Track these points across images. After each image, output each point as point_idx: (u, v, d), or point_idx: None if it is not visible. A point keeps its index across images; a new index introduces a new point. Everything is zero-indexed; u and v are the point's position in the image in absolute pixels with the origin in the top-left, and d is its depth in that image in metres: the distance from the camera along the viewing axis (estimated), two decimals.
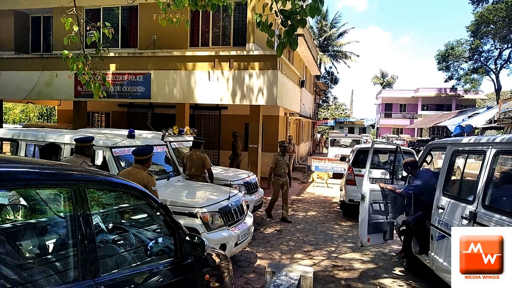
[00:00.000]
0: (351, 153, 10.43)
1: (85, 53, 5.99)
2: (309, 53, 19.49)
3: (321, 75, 40.56)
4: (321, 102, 43.84)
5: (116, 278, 2.41)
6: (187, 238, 2.92)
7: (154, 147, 5.31)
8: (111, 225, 3.12)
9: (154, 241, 2.97)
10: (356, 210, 9.31)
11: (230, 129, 13.22)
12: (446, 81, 38.45)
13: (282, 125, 15.60)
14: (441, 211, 4.85)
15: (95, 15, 12.42)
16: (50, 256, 2.51)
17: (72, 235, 2.25)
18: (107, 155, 5.73)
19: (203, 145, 7.61)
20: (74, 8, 5.87)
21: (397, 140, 31.95)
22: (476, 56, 34.73)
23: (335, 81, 49.55)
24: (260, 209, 8.79)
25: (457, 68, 37.22)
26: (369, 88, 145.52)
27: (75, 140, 5.34)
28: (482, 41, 33.15)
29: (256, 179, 8.63)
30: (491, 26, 30.75)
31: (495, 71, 34.76)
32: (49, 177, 2.31)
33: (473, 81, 36.83)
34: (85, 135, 5.92)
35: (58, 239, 2.59)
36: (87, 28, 8.27)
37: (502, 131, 19.50)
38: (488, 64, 35.07)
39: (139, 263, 2.77)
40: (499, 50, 33.77)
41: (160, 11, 6.43)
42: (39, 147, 6.49)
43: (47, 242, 2.66)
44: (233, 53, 10.57)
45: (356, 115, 63.69)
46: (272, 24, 4.21)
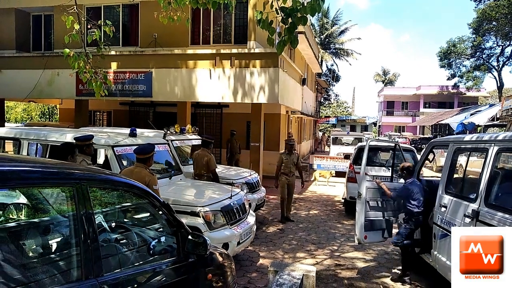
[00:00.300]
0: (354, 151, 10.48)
1: (86, 51, 5.99)
2: (311, 51, 19.45)
3: (323, 73, 40.49)
4: (322, 100, 43.81)
5: (119, 277, 2.40)
6: (190, 237, 2.91)
7: (155, 146, 5.29)
8: (113, 224, 3.12)
9: (156, 240, 2.96)
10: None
11: (231, 127, 13.21)
12: (449, 78, 38.39)
13: (283, 123, 15.58)
14: (443, 209, 4.83)
15: (96, 13, 12.40)
16: (53, 255, 2.51)
17: (75, 234, 2.24)
18: (109, 154, 5.72)
19: (212, 144, 7.43)
20: (75, 6, 5.87)
21: (399, 138, 31.93)
22: (478, 53, 34.68)
23: (336, 78, 49.49)
24: (262, 208, 8.78)
25: (459, 65, 37.16)
26: (371, 85, 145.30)
27: (75, 138, 5.36)
28: (484, 38, 33.09)
29: (258, 178, 8.62)
30: (493, 23, 30.68)
31: (497, 68, 34.69)
32: (51, 176, 2.31)
33: (475, 78, 36.78)
34: (86, 133, 5.92)
35: (61, 238, 2.59)
36: (88, 26, 8.27)
37: (504, 128, 19.44)
38: (490, 61, 34.99)
39: (142, 262, 2.77)
40: (501, 47, 33.72)
41: (161, 9, 6.42)
42: (42, 146, 6.52)
43: (50, 241, 2.66)
44: (234, 51, 10.55)
45: (358, 113, 63.63)
46: (272, 21, 4.19)
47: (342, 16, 44.89)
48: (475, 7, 32.09)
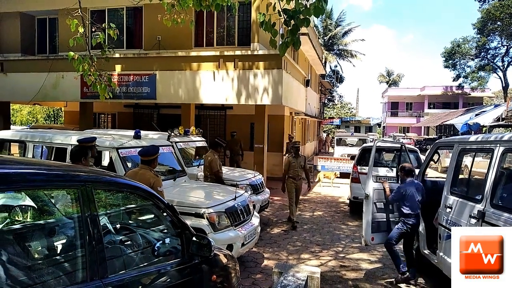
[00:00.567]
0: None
1: (91, 54, 6.02)
2: (314, 52, 19.45)
3: (327, 74, 40.45)
4: (326, 101, 43.73)
5: (124, 278, 2.41)
6: (194, 238, 2.92)
7: (160, 148, 5.31)
8: (118, 225, 3.13)
9: (161, 241, 2.97)
10: (361, 207, 9.57)
11: (235, 129, 13.22)
12: (454, 80, 38.18)
13: (287, 124, 15.57)
14: (448, 210, 4.80)
15: (100, 16, 12.47)
16: (58, 257, 2.52)
17: (80, 236, 2.25)
18: (114, 156, 5.75)
19: (222, 147, 7.40)
20: (79, 9, 5.90)
21: (404, 138, 31.79)
22: (483, 53, 34.49)
23: (340, 80, 49.40)
24: (266, 209, 8.78)
25: (463, 66, 36.98)
26: (375, 86, 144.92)
27: (78, 141, 5.40)
28: (488, 38, 32.91)
29: (262, 179, 8.62)
30: (498, 23, 30.52)
31: (502, 68, 34.48)
32: (56, 178, 2.32)
33: (480, 78, 36.57)
34: (89, 135, 5.97)
35: (66, 240, 2.60)
36: (93, 29, 8.29)
37: (510, 129, 19.32)
38: (495, 61, 34.78)
39: (147, 263, 2.77)
40: (506, 47, 33.52)
41: (164, 11, 6.44)
42: (47, 148, 6.56)
43: (55, 243, 2.67)
44: (238, 53, 10.57)
45: (362, 114, 63.38)
46: (275, 23, 4.19)
47: (345, 17, 44.96)
48: (480, 7, 31.95)
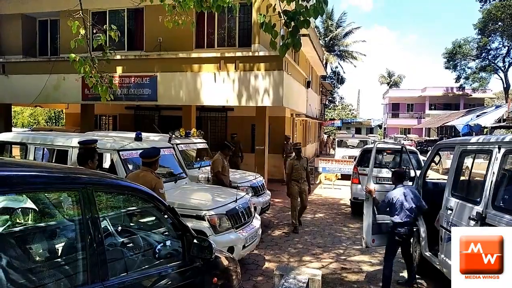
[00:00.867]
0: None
1: (92, 56, 6.02)
2: (315, 53, 19.44)
3: (327, 75, 40.47)
4: (327, 102, 43.72)
5: (124, 281, 2.41)
6: (195, 241, 2.91)
7: (161, 150, 5.31)
8: (119, 228, 3.13)
9: (162, 244, 2.97)
10: (362, 208, 9.62)
11: (236, 130, 13.22)
12: (456, 81, 38.11)
13: (288, 126, 15.57)
14: (449, 212, 4.79)
15: (101, 18, 12.49)
16: (59, 259, 2.52)
17: (80, 239, 2.26)
18: (115, 158, 5.75)
19: (230, 150, 7.37)
20: (80, 11, 5.91)
21: (405, 140, 31.77)
22: (484, 54, 34.42)
23: (341, 81, 49.41)
24: (267, 211, 8.76)
25: (464, 67, 36.93)
26: (375, 88, 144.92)
27: (79, 142, 5.42)
28: (490, 39, 32.85)
29: (263, 181, 8.61)
30: (499, 23, 30.46)
31: (503, 69, 34.42)
32: (57, 181, 2.33)
33: (481, 79, 36.49)
34: (90, 137, 5.98)
35: (67, 243, 2.60)
36: (94, 31, 8.31)
37: (511, 130, 19.29)
38: (496, 62, 34.72)
39: (148, 266, 2.77)
40: (507, 47, 33.44)
41: (165, 13, 6.45)
42: (48, 151, 6.56)
43: (56, 245, 2.67)
44: (239, 54, 10.57)
45: (363, 115, 63.42)
46: (275, 24, 4.19)
47: (346, 18, 44.86)
48: (481, 8, 31.92)
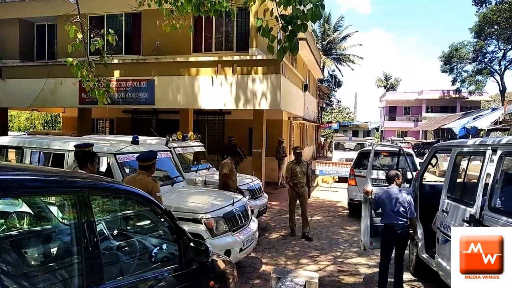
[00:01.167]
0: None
1: (89, 60, 6.03)
2: (312, 57, 19.50)
3: (325, 79, 40.56)
4: (324, 105, 43.81)
5: (120, 285, 2.40)
6: (192, 244, 2.91)
7: (158, 153, 5.31)
8: (115, 232, 3.13)
9: (158, 247, 2.96)
10: (358, 209, 9.68)
11: (234, 134, 13.23)
12: (453, 84, 38.30)
13: (286, 129, 15.59)
14: (445, 214, 4.80)
15: (99, 22, 12.49)
16: (54, 263, 2.51)
17: (76, 243, 2.25)
18: (112, 162, 5.75)
19: (240, 158, 7.34)
20: (78, 15, 5.92)
21: (402, 142, 31.84)
22: (480, 57, 34.63)
23: (338, 84, 49.54)
24: (265, 214, 8.75)
25: (460, 70, 37.13)
26: (372, 91, 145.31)
27: (75, 146, 5.43)
28: (486, 42, 33.06)
29: (260, 184, 8.60)
30: (495, 27, 30.68)
31: (499, 72, 34.62)
32: (53, 185, 2.32)
33: (478, 82, 36.70)
34: (87, 141, 5.99)
35: (62, 247, 2.60)
36: (91, 35, 8.32)
37: (507, 132, 19.39)
38: (492, 65, 34.93)
39: (144, 270, 2.76)
40: (503, 51, 33.69)
41: (163, 17, 6.47)
42: (44, 154, 6.55)
43: (52, 249, 2.67)
44: (236, 58, 10.60)
45: (360, 118, 63.56)
46: (272, 29, 4.20)
47: (343, 22, 44.86)
48: (477, 11, 32.13)
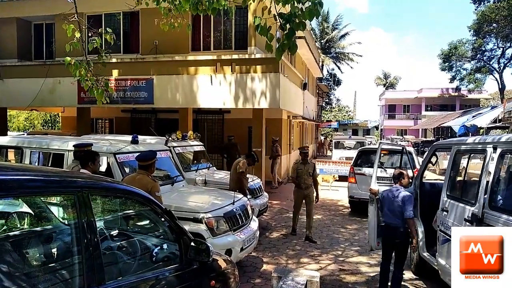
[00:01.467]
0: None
1: (88, 59, 6.00)
2: (311, 55, 19.48)
3: (324, 77, 40.54)
4: (324, 104, 43.82)
5: (121, 285, 2.39)
6: (192, 243, 2.90)
7: (157, 153, 5.29)
8: (116, 231, 3.11)
9: (159, 247, 2.95)
10: (358, 206, 9.88)
11: (233, 133, 13.20)
12: (451, 81, 38.34)
13: (285, 128, 15.57)
14: (445, 213, 4.77)
15: (96, 21, 12.46)
16: (54, 264, 2.50)
17: (76, 243, 2.24)
18: (111, 161, 5.73)
19: (253, 160, 7.38)
20: (75, 15, 5.89)
21: (402, 141, 31.87)
22: (479, 55, 34.64)
23: (337, 83, 49.55)
24: (265, 213, 8.74)
25: (459, 68, 37.15)
26: (372, 89, 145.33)
27: (74, 146, 5.44)
28: (484, 40, 33.07)
29: (260, 183, 8.59)
30: (494, 25, 30.68)
31: (498, 70, 34.64)
32: (53, 185, 2.30)
33: (477, 80, 36.71)
34: (85, 141, 5.99)
35: (63, 247, 2.58)
36: (89, 34, 8.29)
37: (507, 130, 19.40)
38: (491, 63, 34.95)
39: (144, 269, 2.75)
40: (502, 49, 33.69)
41: (161, 16, 6.44)
42: (44, 154, 6.53)
43: (52, 249, 2.66)
44: (235, 56, 10.57)
45: (359, 117, 63.63)
46: (271, 27, 4.18)
47: (342, 20, 45.02)
48: (475, 9, 32.14)
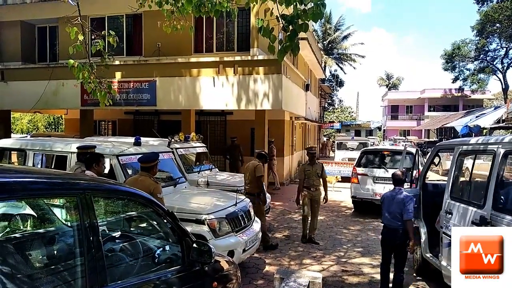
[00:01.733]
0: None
1: (91, 61, 6.04)
2: (313, 57, 19.48)
3: (326, 78, 40.52)
4: (326, 105, 43.77)
5: (124, 287, 2.40)
6: (194, 245, 2.90)
7: (160, 154, 5.31)
8: (118, 233, 3.13)
9: (161, 249, 2.96)
10: (361, 206, 10.10)
11: (236, 134, 13.22)
12: (453, 82, 38.21)
13: (288, 129, 15.57)
14: (449, 216, 4.72)
15: (100, 24, 12.52)
16: (57, 265, 2.51)
17: (79, 244, 2.25)
18: (114, 163, 5.75)
19: (265, 159, 7.29)
20: (79, 17, 5.93)
21: (405, 142, 31.80)
22: (482, 55, 34.51)
23: (340, 84, 49.50)
24: (267, 215, 8.73)
25: (463, 68, 37.02)
26: (374, 90, 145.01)
27: (77, 148, 5.50)
28: (488, 40, 32.94)
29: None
30: (497, 25, 30.56)
31: (501, 70, 34.49)
32: (56, 187, 2.32)
33: (480, 81, 36.57)
34: (89, 143, 6.04)
35: (65, 248, 2.60)
36: (92, 37, 8.34)
37: (511, 130, 19.31)
38: (494, 63, 34.81)
39: (147, 271, 2.76)
40: (505, 49, 33.54)
41: (164, 18, 6.47)
42: (47, 156, 6.57)
43: (55, 251, 2.67)
44: (238, 58, 10.59)
45: (362, 118, 63.54)
46: (273, 29, 4.19)
47: (344, 21, 44.90)
48: (478, 9, 32.03)
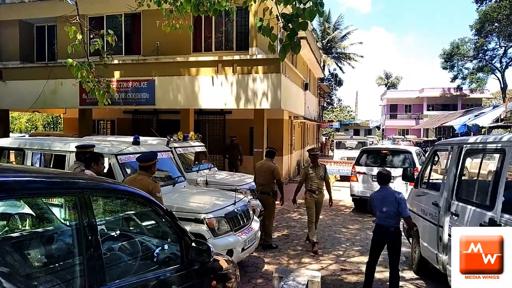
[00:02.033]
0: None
1: (89, 61, 6.02)
2: (312, 56, 19.47)
3: (325, 78, 40.51)
4: (325, 104, 43.77)
5: (122, 286, 2.40)
6: (193, 244, 2.91)
7: (158, 153, 5.31)
8: (117, 232, 3.13)
9: (160, 248, 2.96)
10: (360, 204, 10.20)
11: (235, 133, 13.22)
12: (452, 81, 38.26)
13: (286, 128, 15.57)
14: (455, 217, 4.55)
15: (98, 23, 12.50)
16: (56, 264, 2.51)
17: (78, 244, 2.25)
18: (113, 162, 5.75)
19: (274, 154, 7.28)
20: (77, 16, 5.91)
21: (403, 141, 31.86)
22: (481, 54, 34.54)
23: (339, 83, 49.50)
24: None
25: (461, 67, 37.07)
26: (373, 89, 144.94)
27: (76, 147, 5.50)
28: (486, 39, 32.97)
29: None
30: (496, 24, 30.58)
31: (500, 69, 34.53)
32: (54, 186, 2.32)
33: (479, 80, 36.61)
34: (88, 142, 6.04)
35: (64, 248, 2.60)
36: (91, 36, 8.33)
37: (509, 129, 19.36)
38: (493, 62, 34.84)
39: (146, 270, 2.77)
40: (504, 48, 33.56)
41: (163, 17, 6.46)
42: (46, 156, 6.57)
43: (54, 250, 2.67)
44: (236, 57, 10.59)
45: (361, 117, 63.48)
46: (273, 28, 4.19)
47: (343, 20, 45.06)
48: (477, 9, 32.05)
